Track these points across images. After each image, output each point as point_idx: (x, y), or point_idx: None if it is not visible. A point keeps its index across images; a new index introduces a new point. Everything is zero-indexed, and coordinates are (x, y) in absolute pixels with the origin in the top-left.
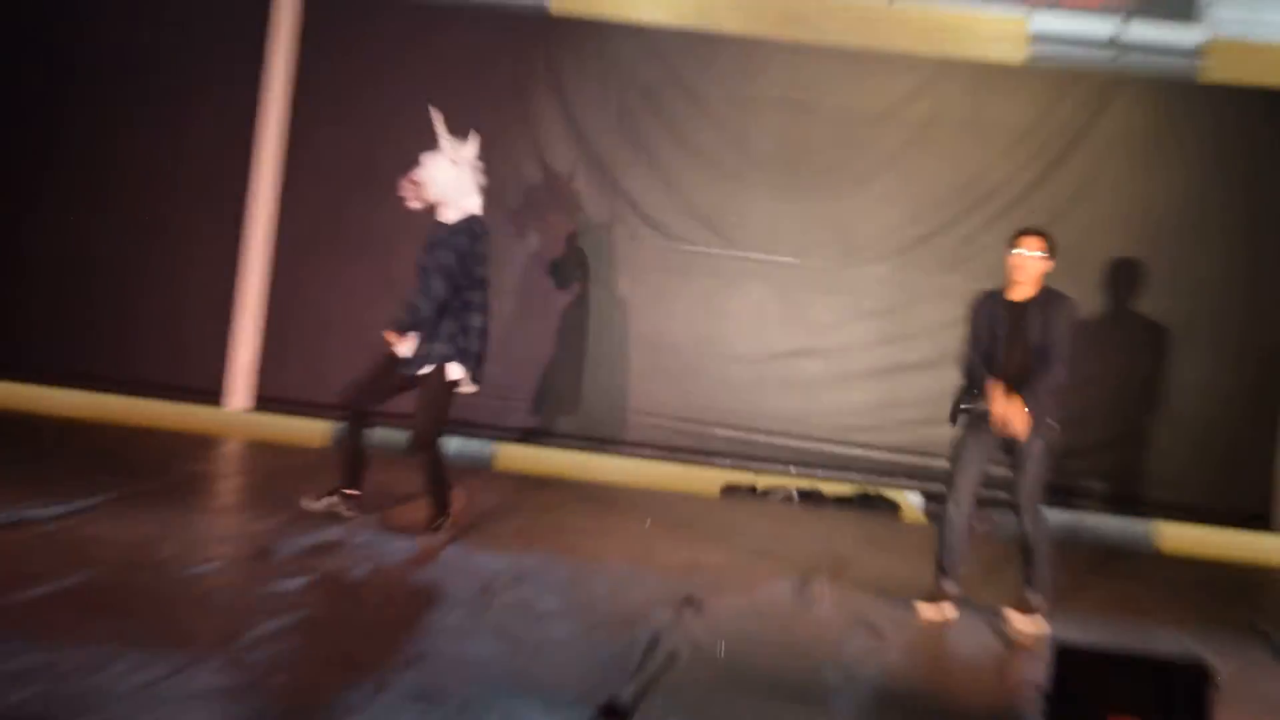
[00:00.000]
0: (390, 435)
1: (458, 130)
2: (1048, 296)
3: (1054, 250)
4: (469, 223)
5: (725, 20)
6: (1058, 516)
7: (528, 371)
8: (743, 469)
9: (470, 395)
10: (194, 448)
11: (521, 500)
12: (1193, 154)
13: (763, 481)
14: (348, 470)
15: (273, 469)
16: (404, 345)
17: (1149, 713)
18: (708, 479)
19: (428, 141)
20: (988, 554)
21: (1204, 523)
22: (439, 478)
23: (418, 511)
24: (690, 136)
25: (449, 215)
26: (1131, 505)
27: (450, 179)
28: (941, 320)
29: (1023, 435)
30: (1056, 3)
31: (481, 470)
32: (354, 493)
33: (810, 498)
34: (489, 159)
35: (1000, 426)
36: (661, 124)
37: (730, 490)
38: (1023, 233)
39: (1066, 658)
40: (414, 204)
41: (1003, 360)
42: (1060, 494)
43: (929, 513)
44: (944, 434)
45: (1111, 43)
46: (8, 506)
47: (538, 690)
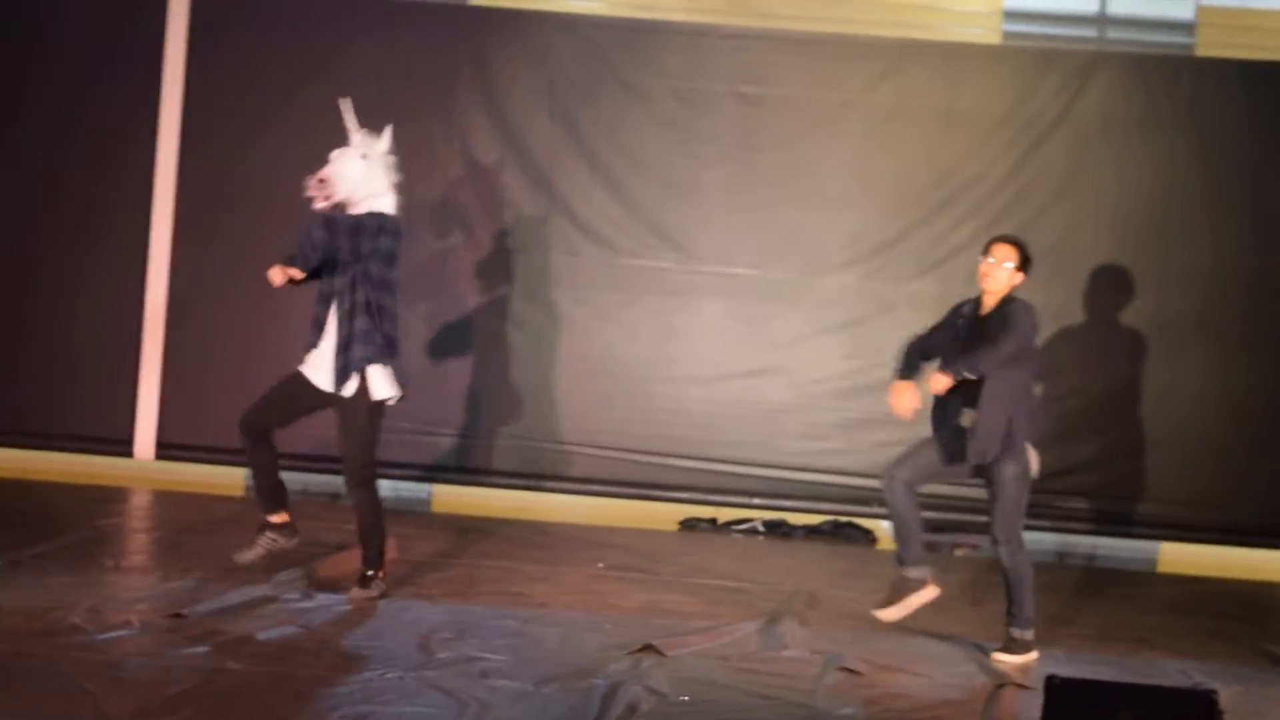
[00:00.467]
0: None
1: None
2: (1009, 303)
3: (1027, 263)
4: (379, 218)
5: (666, 8)
6: (1048, 539)
7: (462, 404)
8: (702, 501)
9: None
10: (99, 502)
11: (461, 545)
12: (1188, 135)
13: (724, 514)
14: (267, 498)
15: (186, 522)
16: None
17: None
18: (664, 513)
19: (326, 148)
20: (971, 580)
21: (1205, 540)
22: (376, 522)
23: (349, 563)
24: (633, 138)
25: (368, 207)
26: (1126, 524)
27: (360, 175)
28: (914, 331)
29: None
30: None
31: (417, 514)
32: (281, 519)
33: (777, 529)
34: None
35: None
36: (600, 125)
37: (689, 524)
38: (995, 240)
39: (1060, 691)
40: (321, 204)
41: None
42: (1050, 515)
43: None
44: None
45: (1094, 18)
46: None
47: None
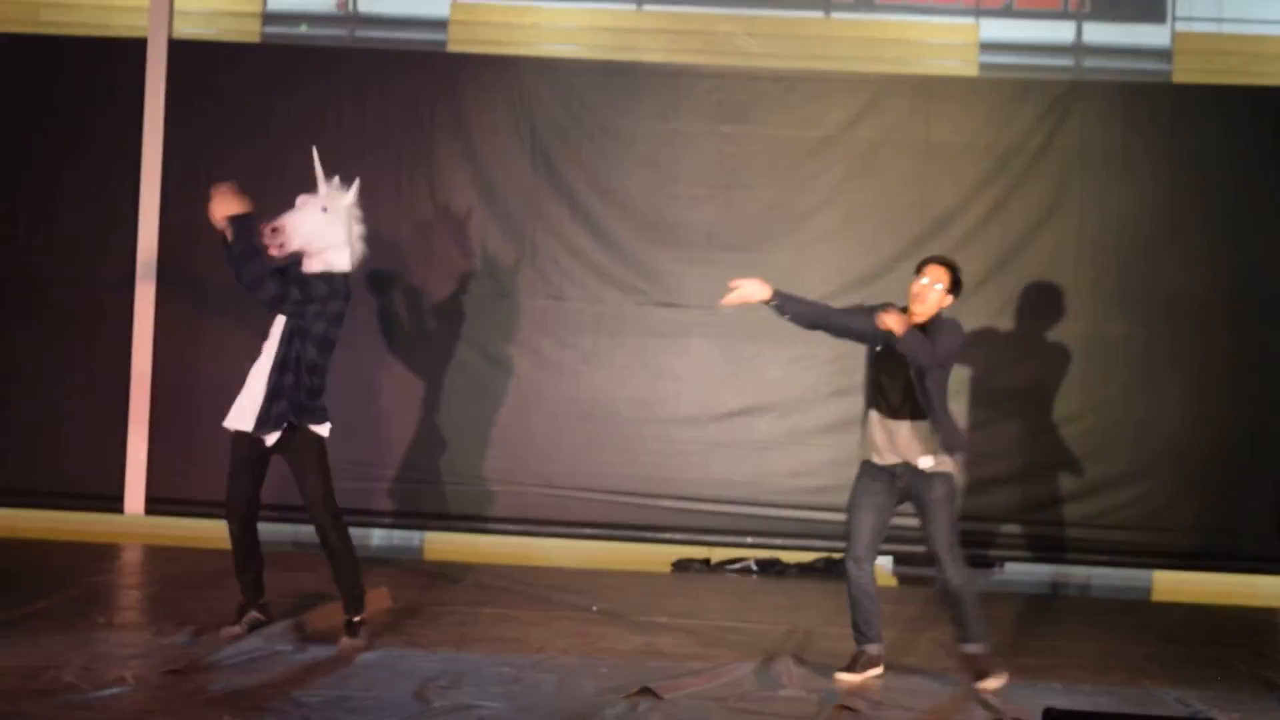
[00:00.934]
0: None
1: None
2: (936, 322)
3: (958, 286)
4: (330, 282)
5: (643, 49)
6: (1043, 570)
7: (452, 451)
8: (695, 542)
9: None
10: (90, 558)
11: (454, 593)
12: (1167, 162)
13: (717, 554)
14: (250, 589)
15: (177, 576)
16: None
17: None
18: (657, 555)
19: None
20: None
21: (1199, 567)
22: (354, 564)
23: (341, 612)
24: (614, 180)
25: (311, 266)
26: (1120, 553)
27: (317, 228)
28: None
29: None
30: (1009, 8)
31: (409, 562)
32: (261, 602)
33: (770, 568)
34: (391, 218)
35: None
36: (581, 167)
37: (682, 565)
38: (928, 261)
39: None
40: (275, 253)
41: (894, 388)
42: (1044, 546)
43: (901, 576)
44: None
45: (1071, 47)
46: None
47: None
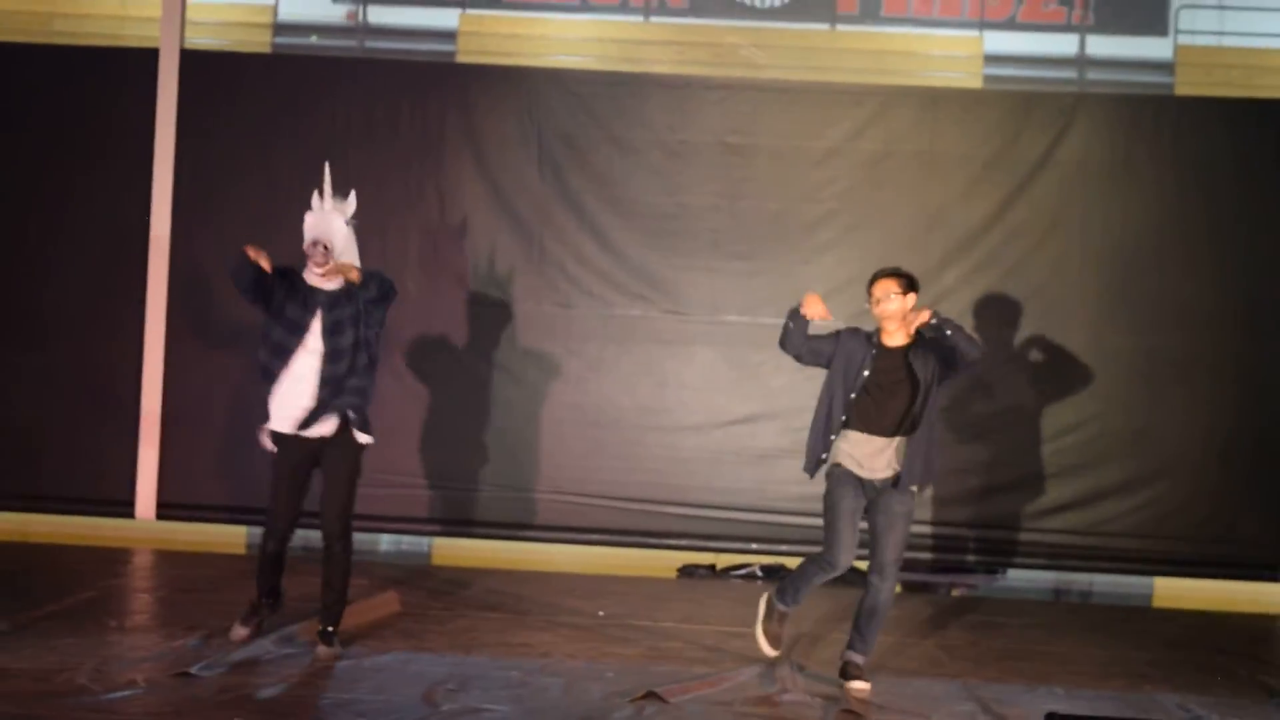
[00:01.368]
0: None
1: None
2: (930, 345)
3: (914, 283)
4: (390, 285)
5: (651, 60)
6: (1045, 576)
7: (459, 457)
8: (700, 548)
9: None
10: (102, 563)
11: (462, 597)
12: (1171, 173)
13: (722, 560)
14: (269, 594)
15: (188, 580)
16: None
17: None
18: (663, 561)
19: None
20: (969, 621)
21: (1200, 574)
22: (347, 575)
23: (350, 617)
24: (621, 189)
25: (332, 276)
26: (1121, 560)
27: (348, 240)
28: None
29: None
30: (1013, 20)
31: (417, 567)
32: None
33: (775, 574)
34: (401, 225)
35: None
36: (588, 177)
37: (688, 571)
38: (875, 278)
39: None
40: (320, 269)
41: (884, 408)
42: (1046, 553)
43: (905, 583)
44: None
45: (1074, 60)
46: None
47: None
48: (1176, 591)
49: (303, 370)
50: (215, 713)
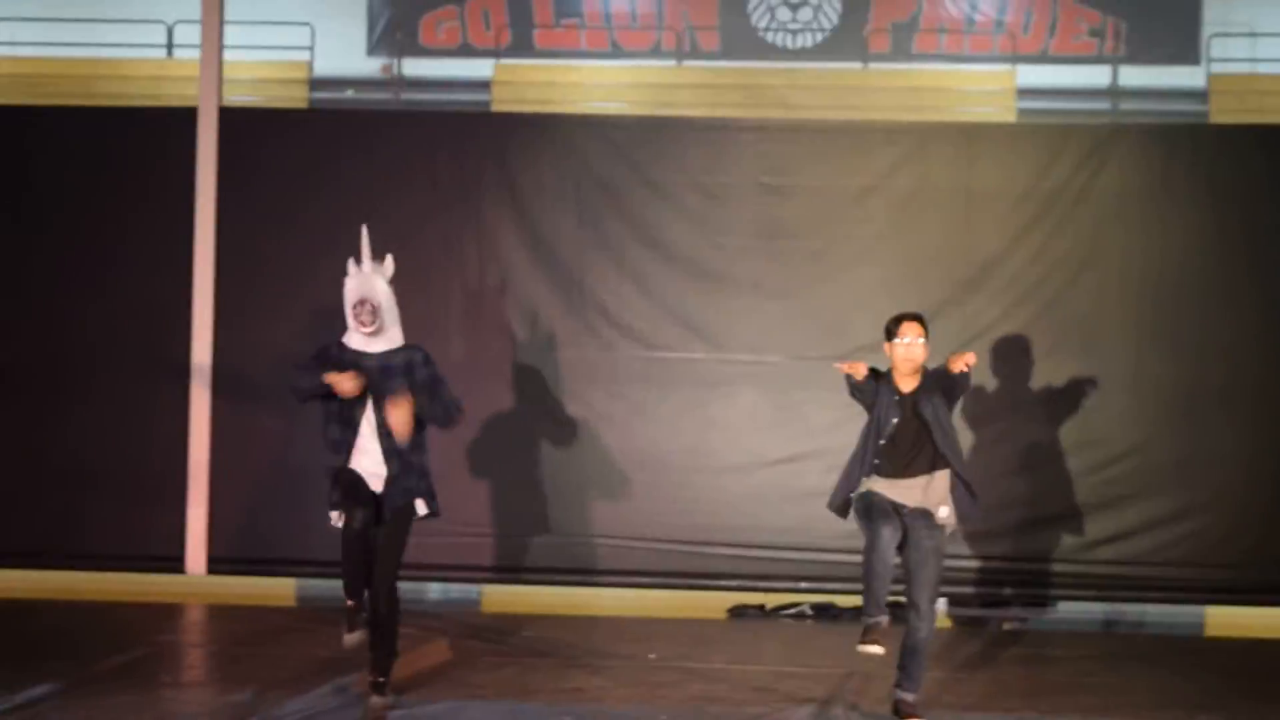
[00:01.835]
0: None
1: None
2: (929, 377)
3: (927, 330)
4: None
5: (686, 104)
6: (1096, 608)
7: (506, 504)
8: (750, 588)
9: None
10: (154, 619)
11: (514, 644)
12: (1207, 203)
13: (772, 600)
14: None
15: (240, 635)
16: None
17: None
18: (713, 602)
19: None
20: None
21: (1251, 602)
22: (396, 630)
23: (405, 667)
24: (659, 233)
25: (377, 344)
26: (1173, 590)
27: (390, 302)
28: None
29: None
30: (1045, 53)
31: (468, 614)
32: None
33: (825, 613)
34: (442, 275)
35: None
36: (627, 221)
37: (738, 612)
38: (905, 319)
39: None
40: (367, 330)
41: (900, 450)
42: (1097, 584)
43: (957, 618)
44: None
45: (1108, 91)
46: None
47: None
48: (1228, 620)
49: (367, 445)
50: None
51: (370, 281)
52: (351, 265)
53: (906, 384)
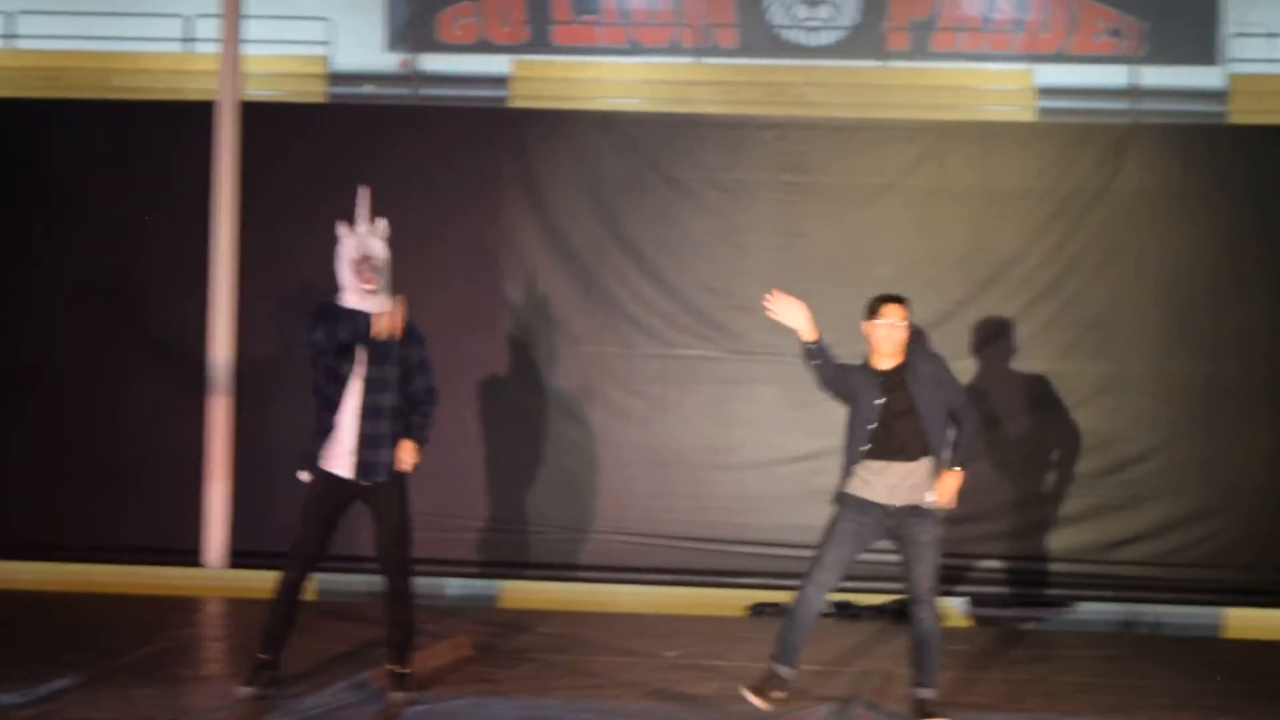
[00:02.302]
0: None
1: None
2: (920, 358)
3: (910, 315)
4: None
5: (704, 101)
6: (1113, 609)
7: (525, 500)
8: (769, 586)
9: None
10: (174, 612)
11: (532, 640)
12: (1226, 201)
13: (791, 598)
14: (277, 643)
15: (258, 629)
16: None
17: None
18: (732, 599)
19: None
20: (1039, 655)
21: (1270, 604)
22: (413, 612)
23: (425, 661)
24: (677, 230)
25: (386, 301)
26: (1190, 591)
27: (388, 260)
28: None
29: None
30: (1063, 53)
31: (486, 610)
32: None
33: (844, 611)
34: (459, 271)
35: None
36: (644, 219)
37: (758, 609)
38: (886, 300)
39: None
40: (369, 288)
41: (895, 431)
42: (1114, 585)
43: (976, 616)
44: (983, 531)
45: (1127, 91)
46: None
47: None
48: (1246, 621)
49: (356, 404)
50: None
51: (370, 240)
52: (343, 228)
53: (885, 363)
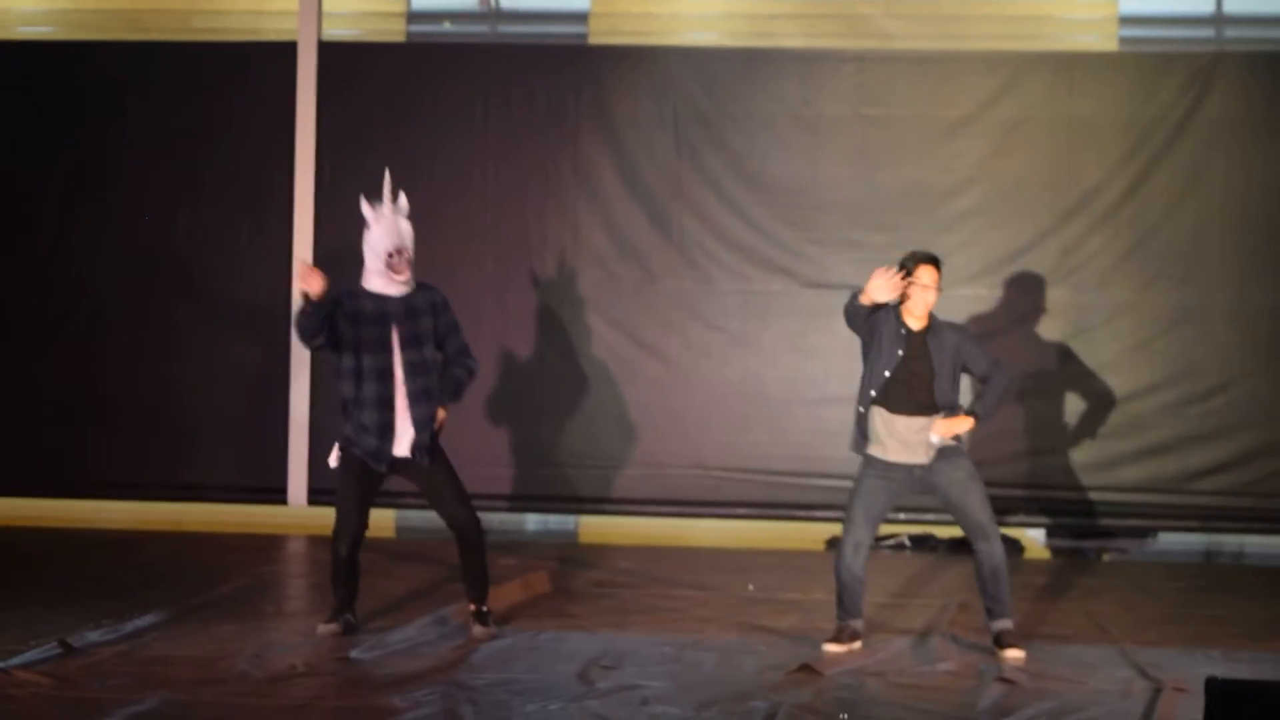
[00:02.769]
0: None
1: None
2: (943, 328)
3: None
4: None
5: (782, 35)
6: (1195, 539)
7: (604, 436)
8: None
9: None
10: (256, 550)
11: (612, 575)
12: None
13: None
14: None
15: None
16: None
17: None
18: (811, 533)
19: (459, 192)
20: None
21: None
22: (485, 554)
23: (503, 597)
24: (757, 164)
25: (410, 281)
26: (1274, 521)
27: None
28: (1048, 339)
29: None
30: None
31: (565, 546)
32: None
33: (924, 544)
34: (541, 211)
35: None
36: (724, 153)
37: (836, 543)
38: (924, 261)
39: (1222, 693)
40: (401, 276)
41: (908, 386)
42: (1197, 515)
43: (1054, 548)
44: (1062, 463)
45: (1211, 18)
46: (62, 630)
47: None
48: None
49: (390, 391)
50: (374, 695)
51: (399, 228)
52: (368, 209)
53: (915, 323)
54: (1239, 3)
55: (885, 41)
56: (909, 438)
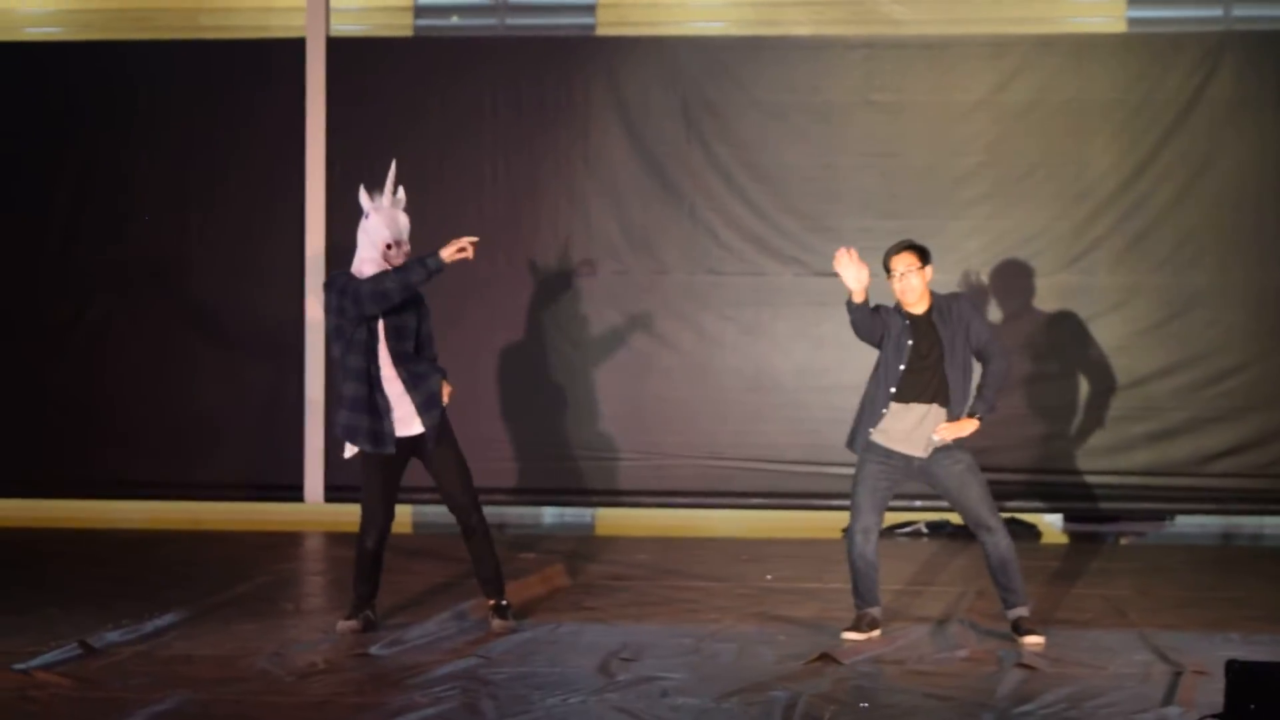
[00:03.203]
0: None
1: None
2: (949, 302)
3: (927, 256)
4: None
5: (790, 22)
6: (1213, 521)
7: (619, 427)
8: None
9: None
10: (274, 547)
11: (629, 566)
12: None
13: (887, 518)
14: (365, 597)
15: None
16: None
17: None
18: (827, 522)
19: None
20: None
21: None
22: (493, 545)
23: (521, 591)
24: (768, 153)
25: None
26: None
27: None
28: (1062, 324)
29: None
30: None
31: (582, 538)
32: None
33: (940, 530)
34: (552, 200)
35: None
36: (734, 142)
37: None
38: (895, 252)
39: (1242, 675)
40: (399, 262)
41: (923, 374)
42: (1214, 497)
43: (1071, 533)
44: (1076, 447)
45: None
46: (82, 630)
47: None
48: None
49: (376, 372)
50: (395, 691)
51: (398, 220)
52: (366, 199)
53: (917, 308)
54: None
55: (894, 28)
56: (915, 425)
